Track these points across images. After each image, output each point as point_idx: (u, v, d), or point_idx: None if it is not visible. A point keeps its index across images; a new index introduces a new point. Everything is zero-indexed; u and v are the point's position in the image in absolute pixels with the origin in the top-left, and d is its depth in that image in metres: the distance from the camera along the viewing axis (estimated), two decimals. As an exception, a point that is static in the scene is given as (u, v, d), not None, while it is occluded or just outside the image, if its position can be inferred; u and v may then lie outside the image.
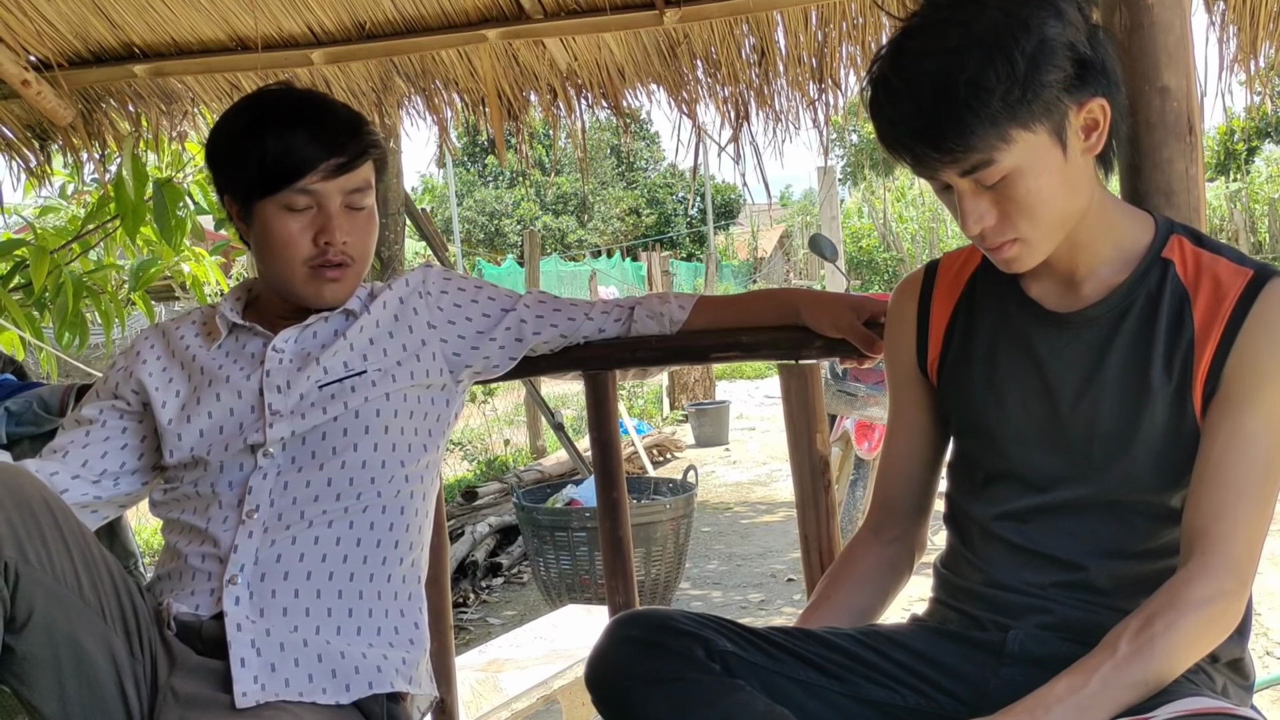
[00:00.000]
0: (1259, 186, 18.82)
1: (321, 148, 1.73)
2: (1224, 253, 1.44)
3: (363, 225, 1.79)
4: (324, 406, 1.75)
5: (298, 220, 1.74)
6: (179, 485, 1.78)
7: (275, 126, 1.73)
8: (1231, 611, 1.34)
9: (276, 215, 1.74)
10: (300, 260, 1.76)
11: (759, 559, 5.84)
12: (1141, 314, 1.43)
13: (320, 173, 1.73)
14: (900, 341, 1.65)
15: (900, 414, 1.68)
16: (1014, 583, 1.49)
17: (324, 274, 1.77)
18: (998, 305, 1.55)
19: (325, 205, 1.74)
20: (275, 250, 1.76)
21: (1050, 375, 1.48)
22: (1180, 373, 1.40)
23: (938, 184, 1.40)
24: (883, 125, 1.37)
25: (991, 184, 1.35)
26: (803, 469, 2.05)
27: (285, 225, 1.74)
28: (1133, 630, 1.30)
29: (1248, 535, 1.34)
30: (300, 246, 1.75)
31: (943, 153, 1.32)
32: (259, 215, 1.76)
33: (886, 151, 1.39)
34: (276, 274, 1.80)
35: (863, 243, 20.03)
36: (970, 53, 1.29)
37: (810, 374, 2.04)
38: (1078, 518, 1.47)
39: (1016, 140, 1.31)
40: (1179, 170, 1.67)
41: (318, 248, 1.75)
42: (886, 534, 1.68)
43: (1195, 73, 1.70)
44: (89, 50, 3.36)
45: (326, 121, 1.75)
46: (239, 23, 3.18)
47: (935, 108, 1.30)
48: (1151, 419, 1.41)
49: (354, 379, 1.78)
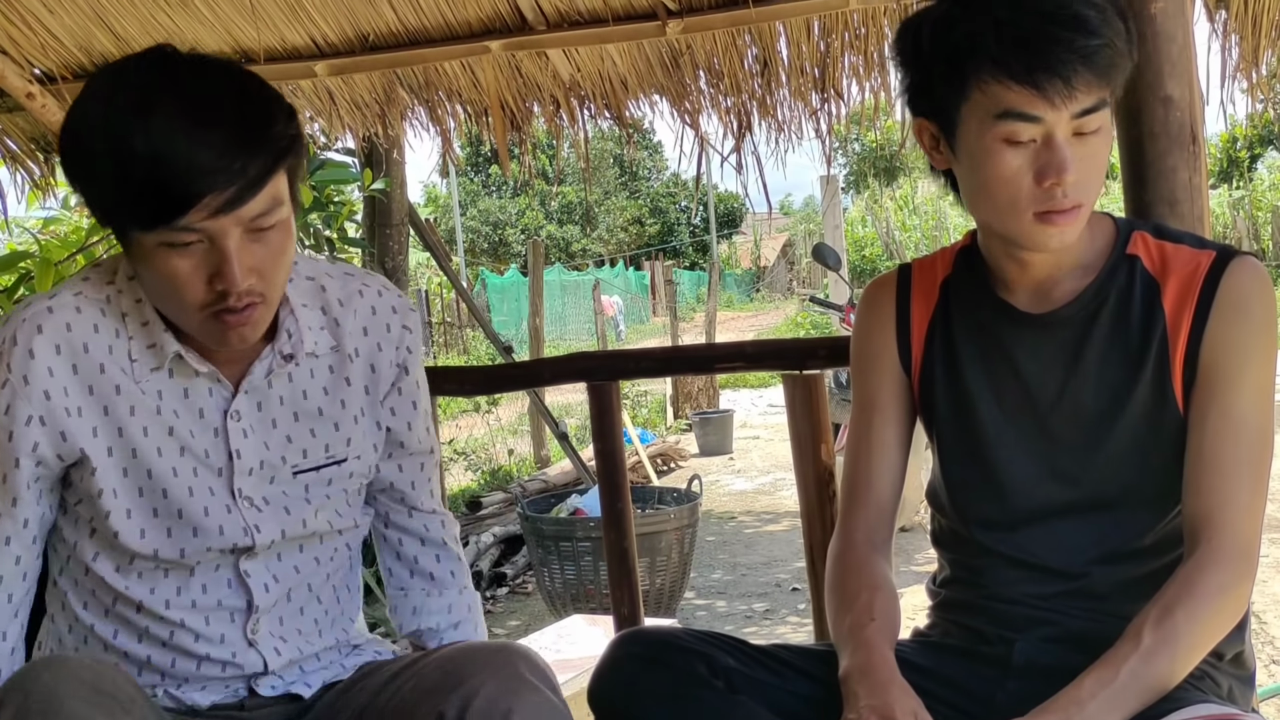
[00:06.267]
0: (1262, 193, 18.84)
1: (209, 174, 1.26)
2: (1185, 240, 1.46)
3: (275, 251, 1.36)
4: (305, 498, 1.54)
5: (185, 259, 1.32)
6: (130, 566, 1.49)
7: (143, 135, 1.25)
8: (1244, 593, 1.37)
9: (156, 252, 1.31)
10: (194, 306, 1.35)
11: (763, 568, 5.83)
12: (1114, 310, 1.44)
13: (206, 209, 1.27)
14: (880, 337, 1.61)
15: (880, 408, 1.60)
16: (1015, 595, 1.49)
17: (226, 320, 1.36)
18: (972, 311, 1.54)
19: (219, 241, 1.31)
20: (162, 292, 1.37)
21: (1029, 377, 1.48)
22: (1157, 362, 1.42)
23: (1030, 129, 1.34)
24: (1021, 43, 1.31)
25: (1087, 133, 1.35)
26: (807, 479, 2.05)
27: (168, 264, 1.32)
28: (1153, 620, 1.31)
29: (1250, 517, 1.37)
30: (191, 291, 1.34)
31: (1091, 72, 1.31)
32: (136, 245, 1.33)
33: (1010, 76, 1.32)
34: (170, 313, 1.41)
35: (866, 251, 20.06)
36: (1113, 5, 1.34)
37: (815, 384, 2.04)
38: (1070, 523, 1.47)
39: (1111, 97, 1.36)
40: (1182, 179, 1.68)
41: (213, 292, 1.34)
42: (880, 536, 1.59)
43: (1198, 82, 1.71)
44: (93, 63, 3.36)
45: (219, 128, 1.28)
46: (242, 35, 3.19)
47: (1090, 28, 1.31)
48: (1133, 412, 1.43)
49: (333, 469, 1.56)
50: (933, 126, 1.43)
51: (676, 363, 2.06)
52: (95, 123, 1.30)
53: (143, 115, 1.26)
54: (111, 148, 1.27)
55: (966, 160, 1.40)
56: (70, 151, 1.35)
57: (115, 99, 1.30)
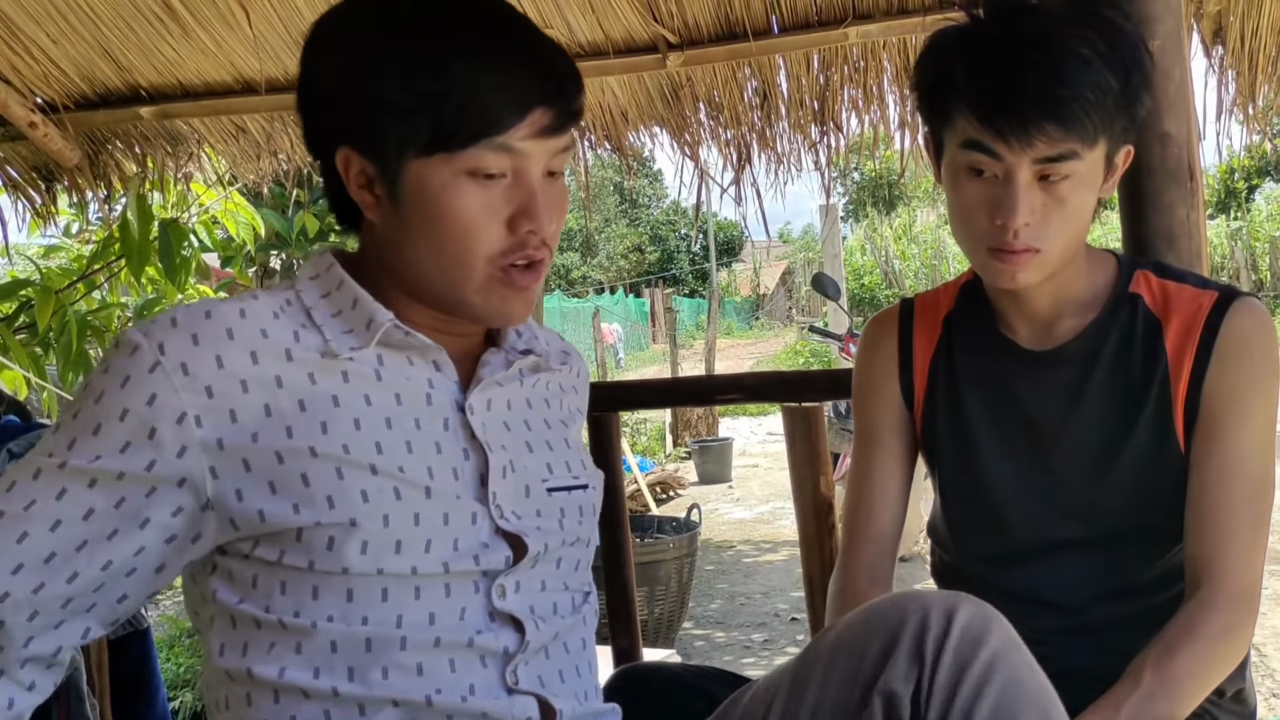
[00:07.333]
0: (1260, 224, 18.88)
1: (542, 88, 1.13)
2: (1187, 280, 1.46)
3: (562, 206, 1.20)
4: (559, 520, 1.26)
5: (484, 193, 1.14)
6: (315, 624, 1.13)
7: (466, 49, 1.11)
8: (1245, 635, 1.37)
9: (451, 184, 1.13)
10: (484, 255, 1.15)
11: (762, 598, 5.82)
12: (1116, 348, 1.44)
13: (529, 126, 1.12)
14: (883, 372, 1.60)
15: (882, 442, 1.59)
16: (1018, 631, 1.49)
17: (515, 279, 1.17)
18: (975, 347, 1.54)
19: (525, 174, 1.15)
20: (443, 238, 1.14)
21: (1031, 413, 1.48)
22: (1158, 401, 1.41)
23: (992, 164, 1.34)
24: (988, 83, 1.31)
25: (1055, 180, 1.33)
26: (806, 511, 2.05)
27: (464, 200, 1.13)
28: (1154, 660, 1.30)
29: (1252, 561, 1.36)
30: (488, 234, 1.14)
31: (1053, 123, 1.29)
32: (413, 181, 1.13)
33: (973, 113, 1.32)
34: (434, 272, 1.17)
35: (865, 280, 20.10)
36: (1102, 46, 1.30)
37: (814, 416, 2.05)
38: (1072, 559, 1.47)
39: (1095, 148, 1.33)
40: (1180, 216, 1.68)
41: (515, 236, 1.15)
42: (881, 572, 1.57)
43: (1196, 119, 1.72)
44: (95, 93, 3.38)
45: (545, 49, 1.15)
46: (244, 65, 3.21)
47: (1063, 79, 1.29)
48: (1134, 450, 1.43)
49: (579, 494, 1.31)
50: (932, 141, 1.45)
51: (676, 394, 2.06)
52: (392, 37, 1.12)
53: (461, 31, 1.13)
54: (424, 64, 1.11)
55: (945, 183, 1.42)
56: (342, 68, 1.14)
57: (418, 14, 1.13)
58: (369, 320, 1.18)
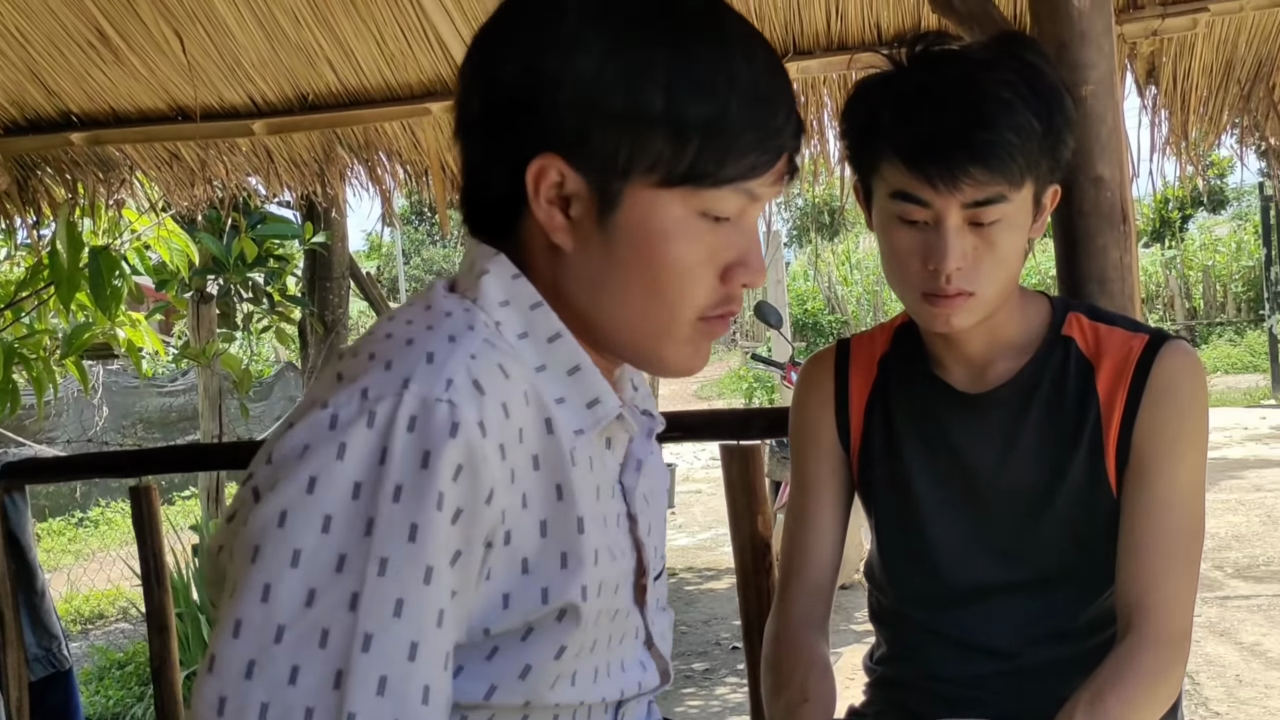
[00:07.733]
0: (1193, 253, 19.23)
1: (796, 131, 1.02)
2: (1118, 323, 1.47)
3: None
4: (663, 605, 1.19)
5: (711, 237, 1.00)
6: None
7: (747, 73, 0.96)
8: (1176, 677, 1.37)
9: (683, 223, 0.98)
10: (695, 306, 1.01)
11: (703, 626, 5.80)
12: (1049, 391, 1.45)
13: (776, 171, 1.01)
14: (819, 415, 1.59)
15: (819, 485, 1.58)
16: (950, 674, 1.48)
17: (714, 331, 1.05)
18: (910, 390, 1.54)
19: (750, 220, 1.04)
20: (662, 283, 1.00)
21: (966, 456, 1.48)
22: (1090, 444, 1.42)
23: (921, 212, 1.34)
24: (914, 129, 1.32)
25: (984, 224, 1.33)
26: (744, 551, 2.04)
27: (693, 243, 0.99)
28: (1085, 703, 1.30)
29: (1181, 603, 1.37)
30: (704, 284, 1.01)
31: (978, 166, 1.29)
32: (637, 210, 0.96)
33: (901, 159, 1.33)
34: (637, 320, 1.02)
35: (808, 305, 20.21)
36: (1023, 89, 1.31)
37: (752, 455, 2.04)
38: (1006, 602, 1.47)
39: (1022, 189, 1.33)
40: (1113, 259, 1.69)
41: (727, 287, 1.03)
42: (816, 615, 1.56)
43: (1128, 162, 1.73)
44: (25, 118, 3.32)
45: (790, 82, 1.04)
46: (179, 92, 3.16)
47: (986, 123, 1.29)
48: (1067, 492, 1.43)
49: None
50: (861, 189, 1.45)
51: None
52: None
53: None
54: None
55: (876, 230, 1.43)
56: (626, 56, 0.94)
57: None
58: (593, 400, 1.01)
